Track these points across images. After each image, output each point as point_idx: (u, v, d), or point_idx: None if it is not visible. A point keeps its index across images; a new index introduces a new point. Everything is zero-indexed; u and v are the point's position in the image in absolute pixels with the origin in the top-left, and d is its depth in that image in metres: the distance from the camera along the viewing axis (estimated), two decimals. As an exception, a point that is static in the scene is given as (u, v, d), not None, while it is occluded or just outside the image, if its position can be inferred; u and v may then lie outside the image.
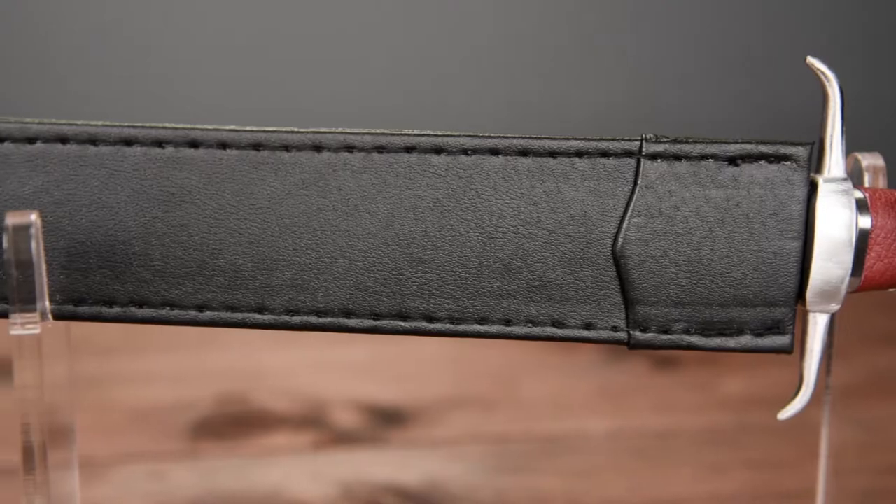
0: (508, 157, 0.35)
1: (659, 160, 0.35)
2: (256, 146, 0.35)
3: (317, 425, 0.59)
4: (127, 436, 0.57)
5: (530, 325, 0.36)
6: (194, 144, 0.34)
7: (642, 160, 0.35)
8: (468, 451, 0.56)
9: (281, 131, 0.35)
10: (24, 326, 0.33)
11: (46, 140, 0.34)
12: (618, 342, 0.36)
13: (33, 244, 0.33)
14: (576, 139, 0.35)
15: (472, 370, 0.65)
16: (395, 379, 0.64)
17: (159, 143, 0.34)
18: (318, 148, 0.35)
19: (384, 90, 0.90)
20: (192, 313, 0.35)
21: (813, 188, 0.35)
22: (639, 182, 0.35)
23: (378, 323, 0.36)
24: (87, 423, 0.56)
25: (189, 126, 0.34)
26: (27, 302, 0.33)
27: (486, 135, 0.35)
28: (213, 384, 0.62)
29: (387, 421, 0.59)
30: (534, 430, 0.58)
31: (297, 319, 0.35)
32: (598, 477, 0.54)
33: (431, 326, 0.36)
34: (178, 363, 0.65)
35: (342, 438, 0.57)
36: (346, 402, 0.61)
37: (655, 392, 0.62)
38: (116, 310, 0.35)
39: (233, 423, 0.59)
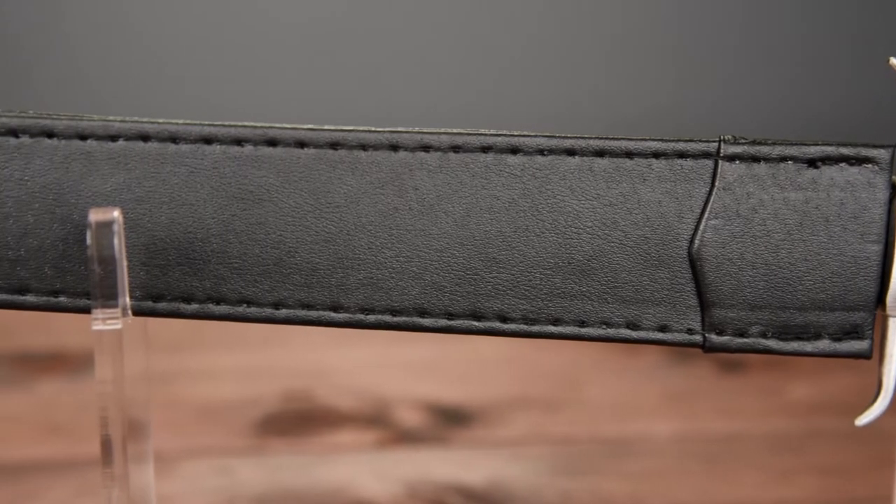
0: (585, 158, 0.35)
1: (737, 162, 0.35)
2: (334, 145, 0.35)
3: (381, 424, 0.59)
4: (194, 431, 0.58)
5: (604, 326, 0.36)
6: (272, 143, 0.35)
7: (720, 162, 0.35)
8: (531, 451, 0.56)
9: (358, 130, 0.35)
10: (105, 322, 0.33)
11: (128, 138, 0.34)
12: (693, 345, 0.36)
13: (116, 241, 0.33)
14: (653, 140, 0.35)
15: (534, 371, 0.64)
16: (458, 378, 0.64)
17: (238, 142, 0.35)
18: (394, 147, 0.35)
19: (431, 89, 0.90)
20: (269, 311, 0.35)
21: (894, 191, 0.34)
22: (716, 184, 0.35)
23: (452, 323, 0.36)
24: (156, 418, 0.57)
25: (268, 125, 0.35)
26: (109, 298, 0.33)
27: (563, 135, 0.35)
28: (278, 381, 0.63)
29: (450, 420, 0.59)
30: (598, 431, 0.58)
31: (371, 318, 0.35)
32: (664, 480, 0.54)
33: (505, 327, 0.36)
34: (245, 360, 0.65)
35: (406, 437, 0.58)
36: (410, 401, 0.61)
37: (721, 396, 0.61)
38: (194, 306, 0.35)
39: (298, 421, 0.59)
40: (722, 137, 0.35)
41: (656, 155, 0.35)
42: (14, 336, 0.66)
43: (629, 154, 0.35)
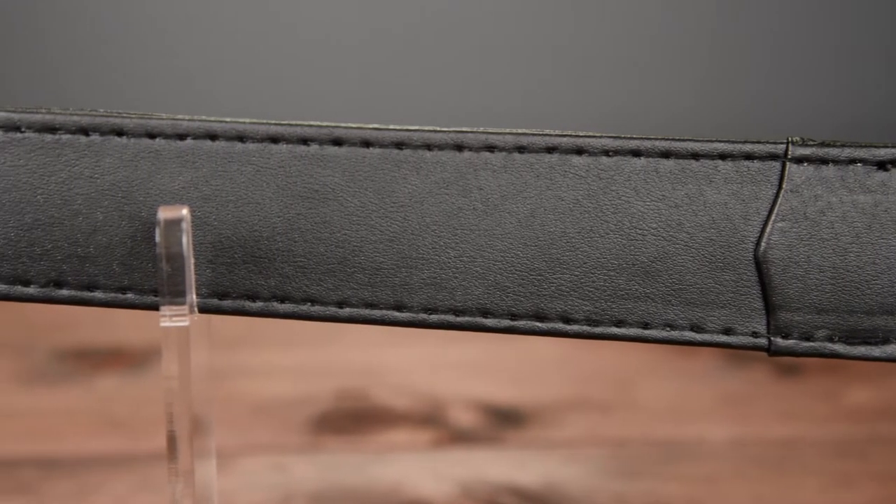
0: (650, 159, 0.35)
1: (805, 164, 0.34)
2: (399, 145, 0.35)
3: (435, 423, 0.59)
4: (250, 428, 0.58)
5: (668, 328, 0.35)
6: (338, 142, 0.35)
7: (788, 163, 0.34)
8: (586, 453, 0.56)
9: (424, 130, 0.35)
10: (172, 319, 0.33)
11: (196, 137, 0.34)
12: (758, 348, 0.35)
13: (184, 238, 0.33)
14: (720, 141, 0.35)
15: (588, 372, 0.64)
16: (512, 379, 0.64)
17: (304, 141, 0.35)
18: (459, 147, 0.35)
19: (479, 88, 0.90)
20: (333, 309, 0.35)
21: None
22: (784, 186, 0.34)
23: (515, 323, 0.36)
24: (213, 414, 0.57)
25: (333, 124, 0.35)
26: (176, 295, 0.33)
27: (628, 136, 0.35)
28: (332, 379, 0.63)
29: (504, 421, 0.59)
30: (653, 434, 0.58)
31: (434, 318, 0.35)
32: (720, 484, 0.53)
33: (568, 328, 0.36)
34: (299, 358, 0.66)
35: (460, 437, 0.58)
36: (464, 401, 0.61)
37: (778, 400, 0.61)
38: (259, 304, 0.35)
39: (353, 419, 0.59)
40: (790, 139, 0.35)
41: (723, 156, 0.35)
42: (74, 331, 0.67)
43: (695, 155, 0.35)
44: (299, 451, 0.56)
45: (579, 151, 0.35)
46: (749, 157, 0.35)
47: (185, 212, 0.33)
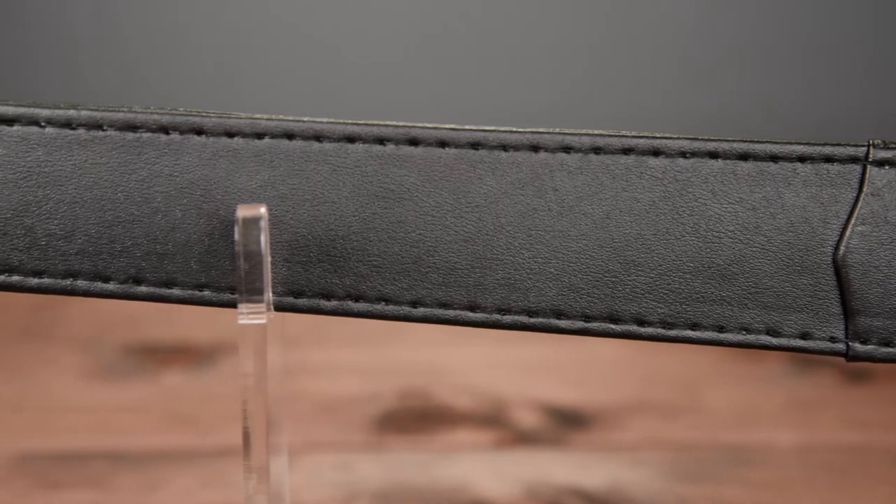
0: (728, 161, 0.35)
1: (887, 167, 0.34)
2: (475, 145, 0.35)
3: (498, 424, 0.59)
4: (314, 426, 0.59)
5: (744, 332, 0.35)
6: (414, 142, 0.35)
7: (868, 167, 0.34)
8: (650, 456, 0.56)
9: (500, 131, 0.35)
10: (250, 316, 0.34)
11: (274, 136, 0.35)
12: (835, 353, 0.35)
13: (262, 237, 0.34)
14: (799, 144, 0.35)
15: (652, 374, 0.64)
16: (575, 380, 0.63)
17: (381, 141, 0.35)
18: (535, 148, 0.35)
19: (529, 88, 0.90)
20: (406, 309, 0.35)
21: None
22: (864, 189, 0.34)
23: (589, 325, 0.35)
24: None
25: (410, 124, 0.35)
26: (254, 293, 0.34)
27: (706, 138, 0.35)
28: (395, 378, 0.63)
29: (567, 422, 0.59)
30: (718, 438, 0.57)
31: (508, 319, 0.35)
32: (788, 490, 0.52)
33: (643, 330, 0.35)
34: (361, 356, 0.66)
35: (523, 438, 0.58)
36: (526, 402, 0.61)
37: (847, 406, 0.60)
38: (333, 303, 0.35)
39: (416, 418, 0.59)
40: (871, 142, 0.34)
41: (802, 159, 0.34)
42: (141, 327, 0.68)
43: (774, 158, 0.35)
44: (363, 450, 0.56)
45: (656, 153, 0.35)
46: (829, 159, 0.34)
47: (263, 210, 0.34)
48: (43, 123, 0.34)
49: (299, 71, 0.91)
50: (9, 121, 0.34)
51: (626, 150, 0.35)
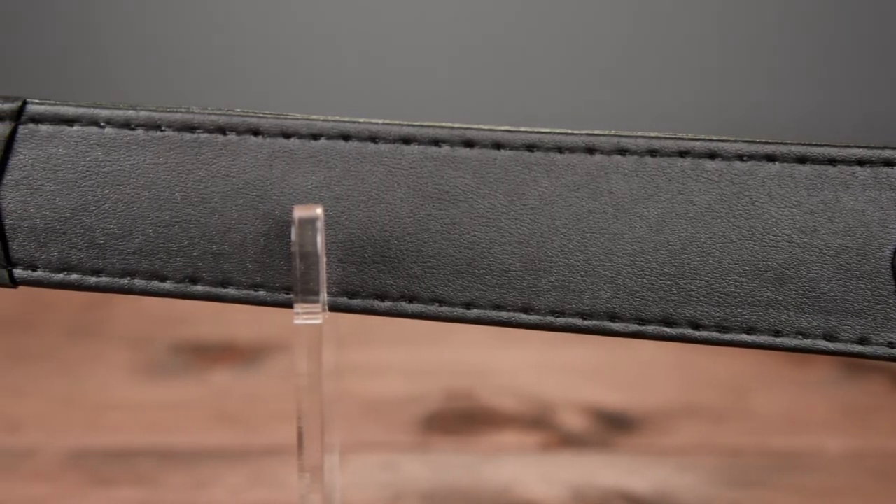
0: (785, 164, 0.34)
1: (948, 171, 0.34)
2: (530, 147, 0.35)
3: (544, 426, 0.59)
4: (360, 425, 0.59)
5: (800, 336, 0.35)
6: (469, 144, 0.35)
7: (929, 170, 0.34)
8: (699, 461, 0.55)
9: (555, 133, 0.35)
10: (305, 317, 0.34)
11: (330, 137, 0.35)
12: (893, 359, 0.35)
13: (318, 237, 0.34)
14: (858, 147, 0.34)
15: (699, 378, 0.63)
16: (621, 383, 0.63)
17: (436, 142, 0.35)
18: (590, 150, 0.35)
19: (567, 90, 0.90)
20: (460, 310, 0.35)
21: None
22: (924, 193, 0.34)
23: (643, 328, 0.35)
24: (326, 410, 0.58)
25: (465, 126, 0.35)
26: (309, 293, 0.34)
27: (763, 140, 0.35)
28: (440, 379, 0.63)
29: (614, 425, 0.59)
30: (768, 444, 0.57)
31: (561, 321, 0.35)
32: (838, 497, 0.52)
33: (697, 334, 0.35)
34: (407, 357, 0.66)
35: (570, 441, 0.57)
36: (573, 405, 0.61)
37: (898, 412, 0.59)
38: (388, 304, 0.36)
39: (462, 419, 0.59)
40: (932, 145, 0.34)
41: (861, 162, 0.34)
42: (189, 326, 0.69)
43: (832, 161, 0.34)
44: (409, 450, 0.56)
45: (712, 156, 0.35)
46: (888, 163, 0.34)
47: (319, 211, 0.34)
48: (103, 124, 0.35)
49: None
50: (69, 121, 0.35)
51: (683, 153, 0.35)
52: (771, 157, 0.34)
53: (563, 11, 0.90)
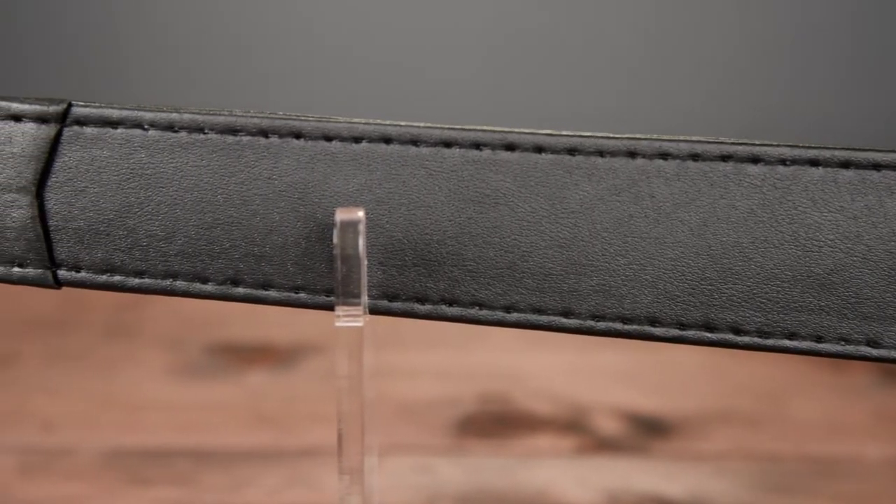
0: (829, 169, 0.34)
1: None
2: (571, 151, 0.35)
3: (579, 430, 0.59)
4: (394, 428, 0.59)
5: (843, 342, 0.35)
6: (511, 147, 0.35)
7: (975, 176, 0.33)
8: (735, 466, 0.55)
9: (597, 136, 0.35)
10: (346, 319, 0.34)
11: (371, 140, 0.35)
12: (938, 366, 0.34)
13: (360, 240, 0.34)
14: (903, 152, 0.34)
15: (735, 383, 0.63)
16: (656, 387, 0.63)
17: (477, 146, 0.35)
18: (632, 154, 0.35)
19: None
20: (500, 314, 0.35)
21: None
22: (971, 199, 0.33)
23: (684, 333, 0.35)
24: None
25: (506, 129, 0.35)
26: (351, 296, 0.34)
27: (806, 145, 0.34)
28: (475, 382, 0.63)
29: (650, 430, 0.58)
30: (805, 450, 0.56)
31: (602, 325, 0.35)
32: (876, 504, 0.52)
33: (739, 339, 0.35)
34: (441, 359, 0.66)
35: (605, 445, 0.57)
36: (608, 409, 0.60)
37: (937, 419, 0.59)
38: (427, 307, 0.36)
39: (496, 422, 0.59)
40: (978, 150, 0.34)
41: (905, 167, 0.34)
42: (224, 327, 0.69)
43: (876, 166, 0.34)
44: (444, 453, 0.56)
45: (755, 160, 0.34)
46: (934, 168, 0.34)
47: (361, 213, 0.34)
48: (146, 126, 0.35)
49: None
50: (113, 123, 0.35)
51: (725, 157, 0.34)
52: (814, 162, 0.34)
53: (580, 13, 0.90)
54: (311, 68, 0.91)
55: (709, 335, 0.35)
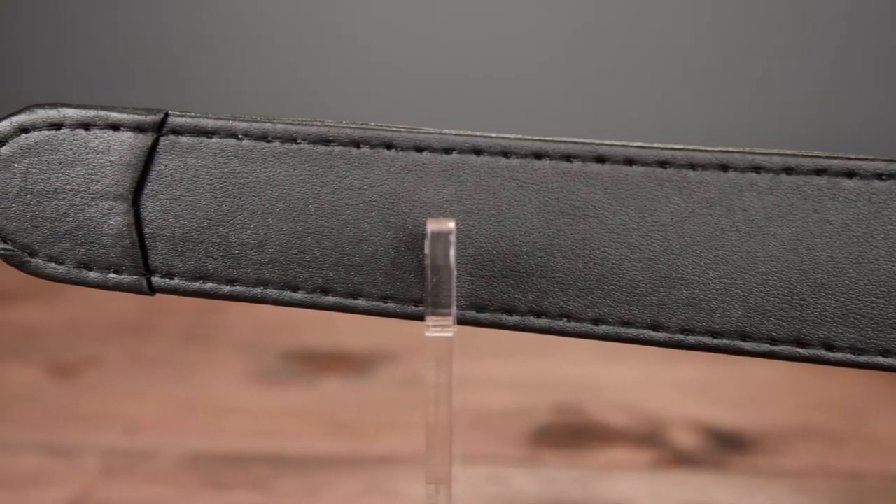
0: (926, 184, 0.34)
1: None
2: (662, 164, 0.35)
3: (655, 443, 0.58)
4: (469, 438, 0.59)
5: (939, 361, 0.34)
6: (601, 160, 0.35)
7: None
8: (816, 484, 0.54)
9: (688, 149, 0.35)
10: (436, 329, 0.34)
11: (462, 151, 0.35)
12: None
13: (451, 251, 0.34)
14: None
15: (815, 398, 0.62)
16: (734, 402, 0.62)
17: (567, 158, 0.35)
18: (724, 167, 0.34)
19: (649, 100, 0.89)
20: (588, 326, 0.35)
21: None
22: None
23: (775, 348, 0.35)
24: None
25: (597, 141, 0.35)
26: (441, 306, 0.34)
27: (903, 159, 0.34)
28: (549, 393, 0.63)
29: (728, 445, 0.58)
30: (888, 468, 0.55)
31: (691, 339, 0.35)
32: (963, 525, 0.51)
33: (831, 355, 0.35)
34: (515, 370, 0.66)
35: (682, 459, 0.57)
36: (685, 423, 0.60)
37: None
38: (515, 318, 0.36)
39: (571, 434, 0.59)
40: None
41: None
42: (300, 334, 0.69)
43: (976, 181, 0.33)
44: (519, 464, 0.56)
45: (850, 174, 0.34)
46: None
47: (452, 224, 0.34)
48: (240, 136, 0.36)
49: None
50: (208, 133, 0.36)
51: (819, 171, 0.34)
52: (911, 177, 0.34)
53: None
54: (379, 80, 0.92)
55: (801, 351, 0.35)
